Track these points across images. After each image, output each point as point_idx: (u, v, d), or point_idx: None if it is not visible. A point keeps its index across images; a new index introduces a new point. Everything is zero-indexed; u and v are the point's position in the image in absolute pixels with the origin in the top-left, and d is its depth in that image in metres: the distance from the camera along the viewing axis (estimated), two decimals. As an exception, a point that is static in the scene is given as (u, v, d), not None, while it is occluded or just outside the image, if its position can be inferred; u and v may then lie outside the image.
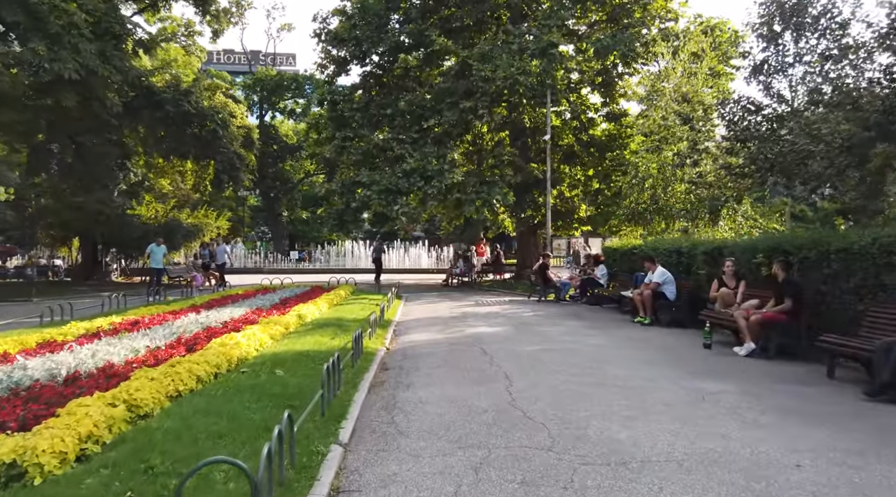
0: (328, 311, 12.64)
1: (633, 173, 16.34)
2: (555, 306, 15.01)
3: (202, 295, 16.02)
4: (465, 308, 14.60)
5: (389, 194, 18.93)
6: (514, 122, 21.92)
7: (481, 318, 12.44)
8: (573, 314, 13.23)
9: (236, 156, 23.08)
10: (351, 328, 10.01)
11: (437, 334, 10.06)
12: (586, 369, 6.92)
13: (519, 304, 15.47)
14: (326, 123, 22.94)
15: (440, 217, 37.34)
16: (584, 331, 10.44)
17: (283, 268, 36.65)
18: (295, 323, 9.96)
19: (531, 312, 13.54)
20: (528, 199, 22.72)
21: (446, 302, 16.36)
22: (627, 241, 16.45)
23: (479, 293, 19.49)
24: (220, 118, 22.57)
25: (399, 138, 20.06)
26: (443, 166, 18.87)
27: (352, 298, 15.93)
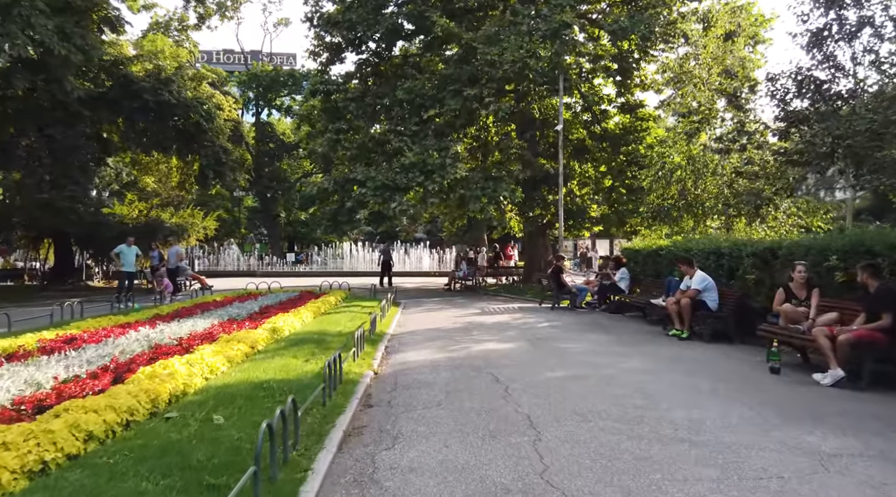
0: (312, 323, 10.93)
1: (658, 165, 14.62)
2: (571, 315, 13.28)
3: (176, 302, 14.34)
4: (470, 317, 12.89)
5: (386, 191, 17.24)
6: (522, 113, 20.22)
7: (489, 330, 10.72)
8: (594, 325, 11.50)
9: (222, 150, 21.41)
10: (333, 345, 8.30)
11: (438, 352, 8.34)
12: (636, 409, 5.20)
13: (530, 313, 13.76)
14: (319, 116, 21.27)
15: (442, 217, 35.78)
16: (614, 348, 8.71)
17: (278, 271, 34.99)
18: (265, 339, 8.25)
19: (546, 322, 11.81)
20: (536, 196, 21.02)
21: (449, 309, 14.66)
22: (651, 241, 14.72)
23: (485, 299, 17.78)
24: (205, 110, 20.92)
25: (397, 130, 18.39)
26: (445, 160, 17.17)
27: (343, 306, 14.23)
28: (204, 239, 25.04)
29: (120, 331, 8.57)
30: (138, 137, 20.59)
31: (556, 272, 14.44)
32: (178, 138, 21.12)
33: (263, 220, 52.61)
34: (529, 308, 14.85)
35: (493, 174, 18.52)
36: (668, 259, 12.79)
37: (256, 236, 60.59)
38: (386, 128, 18.33)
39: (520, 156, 18.56)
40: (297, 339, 8.70)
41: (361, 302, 14.99)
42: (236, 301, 13.59)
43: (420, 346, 9.00)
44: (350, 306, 14.07)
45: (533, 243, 23.12)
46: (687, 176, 13.66)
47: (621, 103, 22.05)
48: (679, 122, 14.57)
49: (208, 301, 13.77)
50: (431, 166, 17.09)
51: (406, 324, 11.81)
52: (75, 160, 18.54)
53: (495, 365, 7.27)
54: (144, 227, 20.94)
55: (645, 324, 11.76)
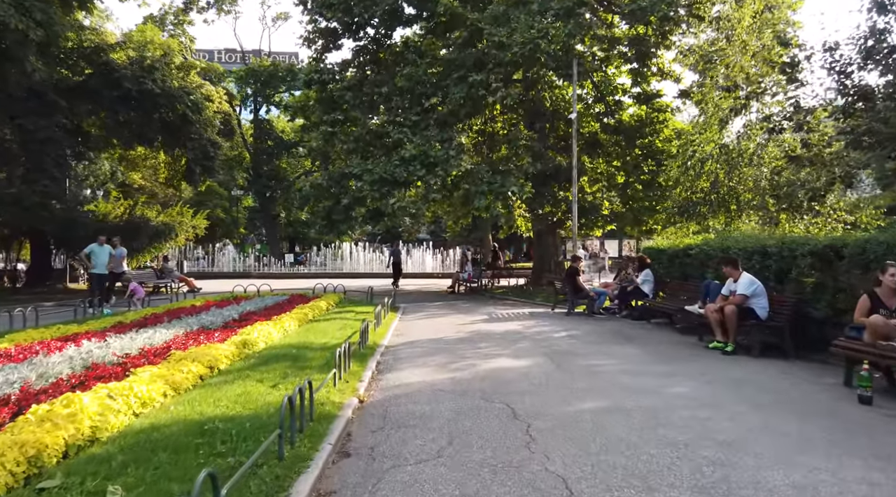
0: (294, 333, 9.52)
1: (687, 155, 13.15)
2: (589, 322, 11.84)
3: (148, 307, 12.94)
4: (477, 325, 11.46)
5: (384, 186, 15.83)
6: (532, 102, 18.79)
7: (499, 341, 9.29)
8: (618, 335, 10.05)
9: (211, 144, 20.04)
10: (314, 362, 6.90)
11: (439, 371, 6.92)
12: (712, 467, 3.76)
13: (543, 319, 12.32)
14: (315, 107, 19.88)
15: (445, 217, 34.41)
16: (651, 365, 7.26)
17: (274, 272, 33.62)
18: (231, 356, 6.83)
19: (563, 332, 10.37)
20: (546, 192, 19.57)
21: (452, 315, 13.24)
22: (678, 239, 13.26)
23: (492, 303, 16.34)
24: (192, 100, 19.55)
25: (396, 121, 16.98)
26: (448, 152, 15.76)
27: (335, 312, 12.82)
28: (195, 238, 23.63)
29: (60, 345, 7.17)
30: (119, 130, 19.23)
31: (571, 274, 13.00)
32: (163, 131, 19.76)
33: (263, 221, 51.27)
34: (541, 314, 13.41)
35: (500, 168, 17.08)
36: (700, 260, 11.35)
37: (257, 237, 59.28)
38: (385, 119, 16.94)
39: (529, 148, 17.13)
40: (272, 355, 7.27)
41: (356, 307, 13.58)
42: (215, 306, 12.20)
43: (418, 361, 7.57)
44: (343, 312, 12.66)
45: (542, 243, 21.68)
46: (720, 167, 12.19)
47: (637, 93, 20.57)
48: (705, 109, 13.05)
49: (183, 307, 12.37)
50: (433, 159, 15.68)
51: (404, 333, 10.39)
52: (50, 153, 17.19)
53: (510, 390, 5.84)
54: (126, 226, 19.57)
55: (675, 333, 10.31)
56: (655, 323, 11.78)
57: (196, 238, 23.64)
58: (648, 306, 12.10)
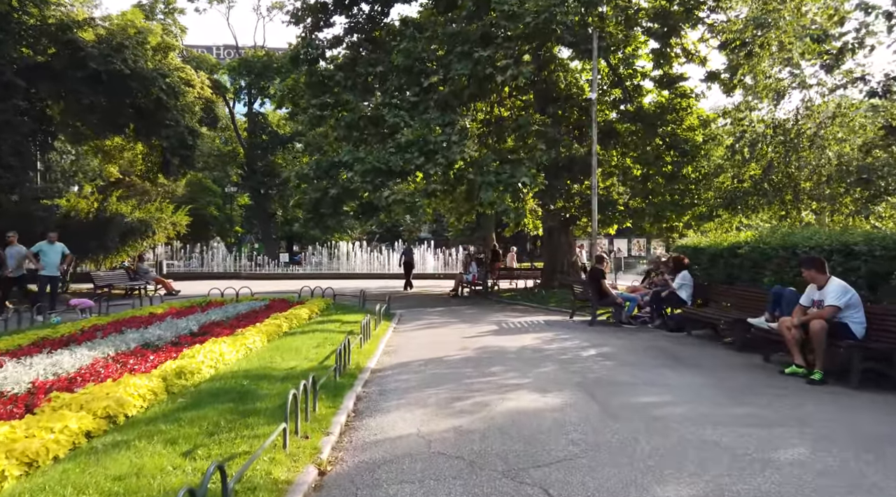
0: (259, 352, 7.62)
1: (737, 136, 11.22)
2: (619, 334, 9.93)
3: (94, 317, 11.04)
4: (485, 338, 9.55)
5: (377, 176, 13.94)
6: (545, 83, 16.86)
7: (515, 362, 7.39)
8: (663, 353, 8.14)
9: (189, 132, 18.14)
10: (265, 404, 5.01)
11: (439, 417, 5.01)
12: None
13: (562, 330, 10.41)
14: (303, 91, 17.98)
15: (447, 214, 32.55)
16: (727, 404, 5.35)
17: (266, 273, 31.77)
18: (148, 395, 4.92)
19: (591, 348, 8.46)
20: (558, 186, 17.69)
21: (455, 324, 11.33)
22: (721, 236, 11.35)
23: (500, 309, 14.44)
24: (168, 83, 17.66)
25: (392, 103, 15.08)
26: (450, 137, 13.86)
27: (317, 320, 10.92)
28: (177, 237, 21.76)
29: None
30: (86, 115, 17.33)
31: (595, 277, 11.07)
32: (136, 117, 17.87)
33: (258, 219, 49.39)
34: (559, 323, 11.50)
35: (508, 157, 15.17)
36: (753, 260, 9.43)
37: (255, 236, 57.41)
38: (379, 100, 15.05)
39: (542, 134, 15.22)
40: (212, 391, 5.38)
41: (343, 315, 11.68)
42: (172, 316, 10.31)
43: (412, 397, 5.66)
44: (326, 321, 10.76)
45: (553, 241, 19.76)
46: (773, 149, 10.27)
47: (658, 77, 18.65)
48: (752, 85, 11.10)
49: (138, 316, 10.48)
50: (433, 145, 13.78)
51: (397, 350, 8.49)
52: (7, 139, 15.33)
53: (544, 456, 3.94)
54: (95, 223, 17.71)
55: (729, 350, 8.41)
56: (697, 335, 9.88)
57: (178, 236, 21.73)
58: (688, 315, 10.19)
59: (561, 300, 15.34)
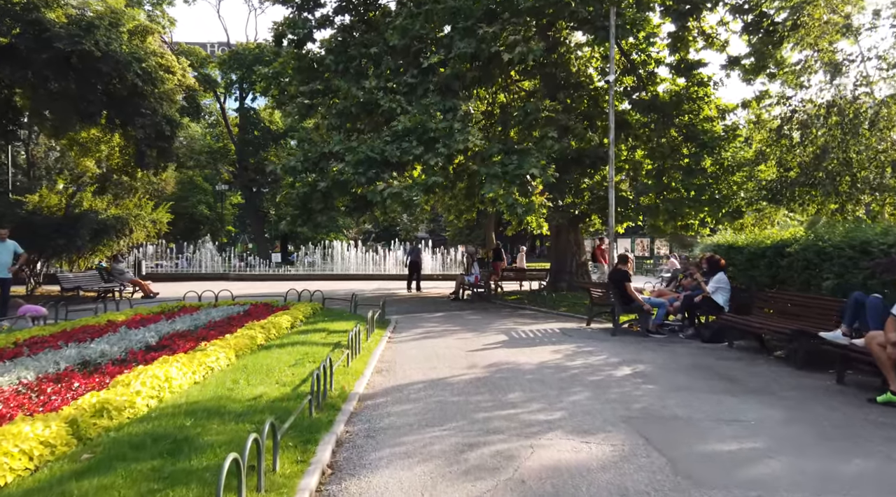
0: (219, 375, 6.20)
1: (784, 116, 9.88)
2: (650, 346, 8.55)
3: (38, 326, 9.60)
4: (495, 351, 8.16)
5: (371, 167, 12.54)
6: (554, 65, 15.48)
7: (537, 386, 6.00)
8: (712, 372, 6.77)
9: (166, 121, 16.69)
10: (210, 457, 3.61)
11: (448, 480, 3.61)
12: None
13: (582, 340, 9.04)
14: (290, 76, 16.57)
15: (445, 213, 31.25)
16: (834, 454, 3.97)
17: (257, 274, 30.28)
18: (41, 449, 3.53)
19: (624, 365, 7.09)
20: (567, 180, 16.37)
21: (459, 333, 9.94)
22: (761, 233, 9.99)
23: (506, 314, 13.06)
24: (143, 68, 16.23)
25: (387, 87, 13.70)
26: (452, 124, 12.48)
27: (300, 329, 9.51)
28: (157, 235, 20.31)
29: None
30: (55, 102, 15.88)
31: (619, 279, 9.69)
32: (108, 105, 16.43)
33: (250, 218, 47.88)
34: (576, 331, 10.13)
35: (515, 147, 13.78)
36: (806, 261, 8.08)
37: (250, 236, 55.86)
38: (373, 84, 13.65)
39: (553, 121, 13.84)
40: (136, 440, 3.96)
41: (331, 323, 10.27)
42: (138, 324, 8.91)
43: (409, 445, 4.26)
44: (312, 330, 9.35)
45: (561, 241, 18.41)
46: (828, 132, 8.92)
47: (674, 63, 17.30)
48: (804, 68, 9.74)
49: (93, 324, 9.05)
50: (433, 133, 12.40)
51: (392, 367, 7.10)
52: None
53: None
54: (63, 220, 16.27)
55: (783, 366, 7.05)
56: (739, 347, 8.53)
57: (159, 235, 20.29)
58: (726, 323, 8.83)
59: (573, 305, 13.98)
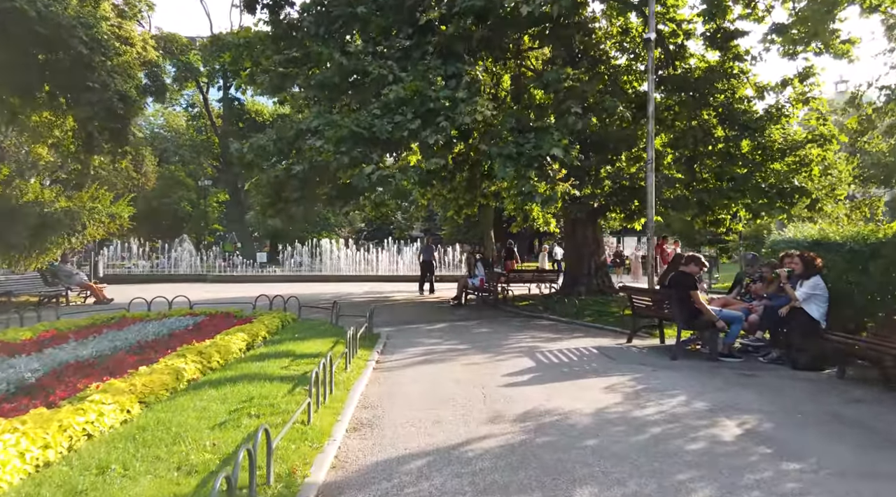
0: (99, 445, 3.82)
1: None
2: (729, 376, 6.22)
3: None
4: (522, 388, 5.80)
5: (357, 144, 10.17)
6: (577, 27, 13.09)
7: (612, 469, 3.63)
8: (863, 427, 4.46)
9: (119, 98, 14.23)
10: None
11: None
12: None
13: (635, 367, 6.70)
14: (263, 44, 14.17)
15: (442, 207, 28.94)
16: None
17: (237, 275, 27.77)
18: None
19: (720, 414, 4.76)
20: (588, 167, 14.07)
21: (469, 356, 7.56)
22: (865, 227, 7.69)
23: (521, 324, 10.72)
24: (93, 35, 13.81)
25: (377, 52, 11.35)
26: (455, 93, 10.13)
27: (257, 352, 7.11)
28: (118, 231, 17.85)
29: None
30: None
31: (685, 285, 7.32)
32: (51, 78, 13.99)
33: (234, 215, 45.33)
34: (617, 352, 7.79)
35: (531, 124, 11.44)
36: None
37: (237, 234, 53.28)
38: (361, 47, 11.30)
39: (576, 92, 11.49)
40: None
41: (302, 342, 7.89)
42: (32, 347, 6.52)
43: None
44: (272, 355, 6.96)
45: (577, 237, 16.11)
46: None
47: (709, 32, 15.02)
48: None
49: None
50: (433, 103, 10.05)
51: (376, 421, 4.73)
52: None
53: None
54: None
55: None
56: (853, 379, 6.23)
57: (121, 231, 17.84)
58: (831, 343, 6.52)
59: (598, 314, 11.65)
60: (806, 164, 13.68)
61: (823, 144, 13.43)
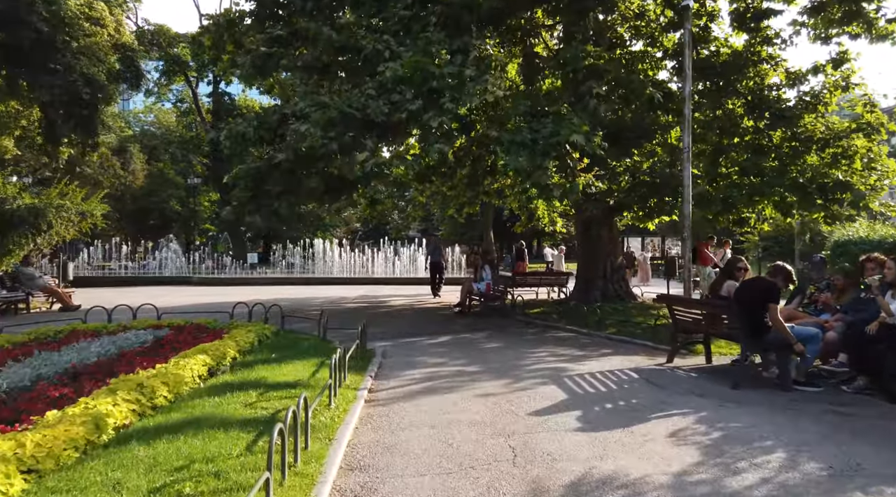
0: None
1: None
2: (820, 415, 4.83)
3: None
4: (558, 435, 4.35)
5: (348, 128, 8.76)
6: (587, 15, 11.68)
7: None
8: None
9: (85, 82, 12.79)
10: None
11: None
12: None
13: (693, 399, 5.31)
14: (244, 22, 12.73)
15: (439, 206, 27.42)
16: None
17: (225, 277, 26.31)
18: None
19: (850, 485, 3.39)
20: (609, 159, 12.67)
21: (481, 384, 6.12)
22: None
23: (537, 338, 9.33)
24: (54, 12, 12.35)
25: (371, 25, 9.92)
26: (462, 69, 8.72)
27: (219, 383, 5.67)
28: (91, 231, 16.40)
29: None
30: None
31: (764, 298, 5.91)
32: (8, 59, 12.53)
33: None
34: (660, 375, 6.40)
35: (546, 109, 10.03)
36: None
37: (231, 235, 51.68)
38: (352, 20, 9.89)
39: (601, 73, 10.09)
40: None
41: (279, 365, 6.47)
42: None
43: None
44: (238, 384, 5.54)
45: (591, 238, 14.71)
46: None
47: (738, 11, 13.66)
48: None
49: None
50: (437, 81, 8.64)
51: (368, 492, 3.34)
52: None
53: None
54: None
55: None
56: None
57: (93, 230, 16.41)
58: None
59: (621, 323, 10.29)
60: (848, 156, 12.34)
61: (871, 134, 12.08)
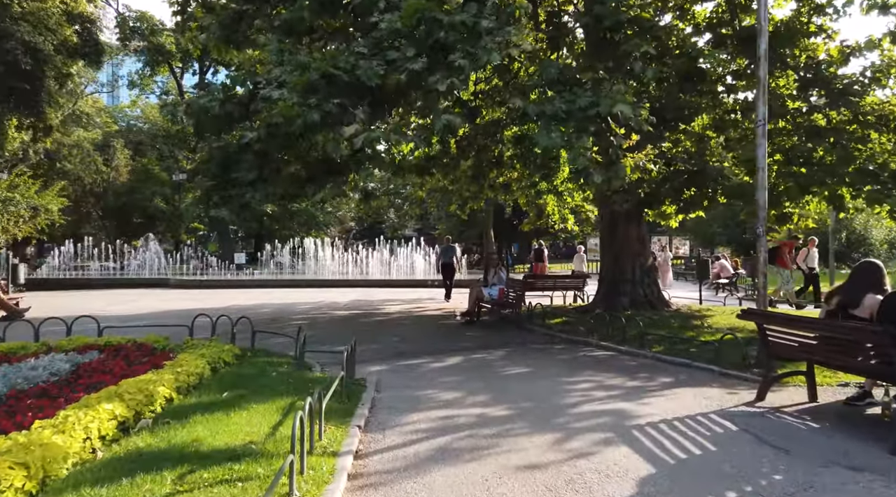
0: None
1: None
2: None
3: None
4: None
5: (332, 95, 6.83)
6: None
7: None
8: None
9: (27, 51, 10.81)
10: None
11: None
12: None
13: (843, 481, 3.46)
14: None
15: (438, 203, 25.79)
16: None
17: (206, 279, 24.24)
18: None
19: None
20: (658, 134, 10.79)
21: (517, 442, 4.19)
22: None
23: (565, 358, 7.48)
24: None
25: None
26: (479, 19, 6.81)
27: (131, 448, 3.74)
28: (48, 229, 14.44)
29: None
30: None
31: None
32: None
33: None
34: (767, 424, 4.53)
35: (577, 76, 8.13)
36: None
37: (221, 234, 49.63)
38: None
39: (647, 28, 8.20)
40: None
41: (229, 412, 4.56)
42: None
43: None
44: (158, 452, 3.63)
45: (617, 236, 12.86)
46: None
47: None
48: None
49: None
50: (445, 34, 6.74)
51: None
52: None
53: None
54: None
55: None
56: None
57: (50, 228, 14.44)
58: None
59: (666, 340, 8.41)
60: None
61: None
